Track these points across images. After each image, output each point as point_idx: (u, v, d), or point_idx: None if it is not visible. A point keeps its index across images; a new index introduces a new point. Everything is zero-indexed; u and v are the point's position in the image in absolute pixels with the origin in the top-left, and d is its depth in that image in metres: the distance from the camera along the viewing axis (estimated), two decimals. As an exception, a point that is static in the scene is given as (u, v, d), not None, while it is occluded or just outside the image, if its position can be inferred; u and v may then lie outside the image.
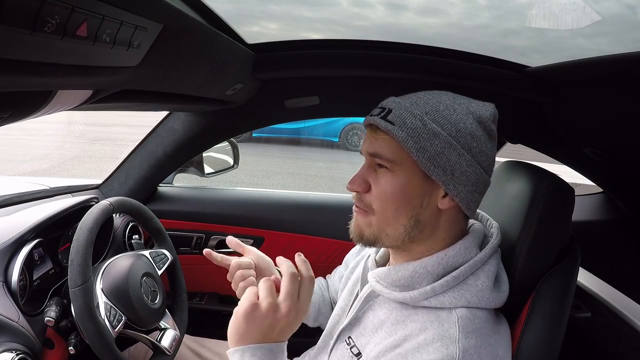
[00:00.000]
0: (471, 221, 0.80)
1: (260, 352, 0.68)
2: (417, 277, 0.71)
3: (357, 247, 1.02)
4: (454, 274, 0.70)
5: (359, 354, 0.76)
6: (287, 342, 0.71)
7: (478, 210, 0.84)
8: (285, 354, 0.71)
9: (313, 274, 0.72)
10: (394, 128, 0.67)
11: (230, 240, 0.89)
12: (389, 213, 0.70)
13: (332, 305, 1.09)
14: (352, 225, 0.76)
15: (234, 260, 0.87)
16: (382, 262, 0.85)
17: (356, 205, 0.75)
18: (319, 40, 1.11)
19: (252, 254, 0.90)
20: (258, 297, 0.68)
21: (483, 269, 0.72)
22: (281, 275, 0.71)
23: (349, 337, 0.80)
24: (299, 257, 0.72)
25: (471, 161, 0.68)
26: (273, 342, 0.68)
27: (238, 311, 0.68)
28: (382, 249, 0.85)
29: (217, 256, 0.87)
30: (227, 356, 1.29)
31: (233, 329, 0.69)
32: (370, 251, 0.87)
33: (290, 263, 0.71)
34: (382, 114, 0.70)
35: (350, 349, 0.78)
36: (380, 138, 0.70)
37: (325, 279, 1.13)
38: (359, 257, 0.96)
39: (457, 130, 0.67)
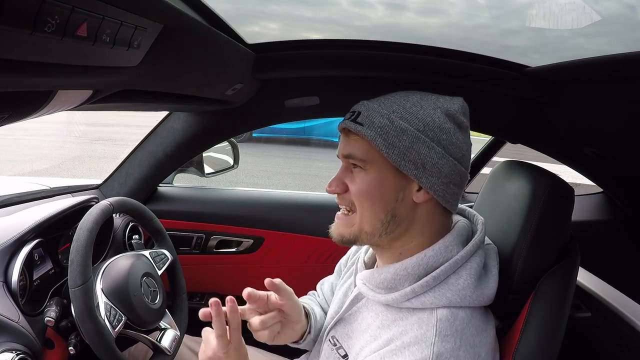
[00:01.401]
0: (457, 218, 0.80)
1: None
2: (398, 278, 0.72)
3: (349, 253, 1.02)
4: (433, 274, 0.70)
5: (345, 356, 0.77)
6: None
7: (464, 207, 0.85)
8: None
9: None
10: (362, 129, 0.70)
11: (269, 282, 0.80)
12: (366, 209, 0.73)
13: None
14: (332, 229, 0.79)
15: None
16: (371, 264, 0.85)
17: (340, 205, 0.78)
18: (319, 40, 1.11)
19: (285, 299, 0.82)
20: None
21: (465, 267, 0.72)
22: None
23: (334, 337, 0.81)
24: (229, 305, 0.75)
25: (442, 153, 0.69)
26: None
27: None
28: (370, 251, 0.86)
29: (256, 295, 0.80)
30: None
31: None
32: (361, 253, 0.87)
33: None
34: (352, 117, 0.73)
35: (337, 350, 0.78)
36: (352, 140, 0.73)
37: (313, 293, 1.09)
38: (355, 258, 0.97)
39: (424, 124, 0.69)
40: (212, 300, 0.73)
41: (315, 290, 1.10)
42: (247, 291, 0.77)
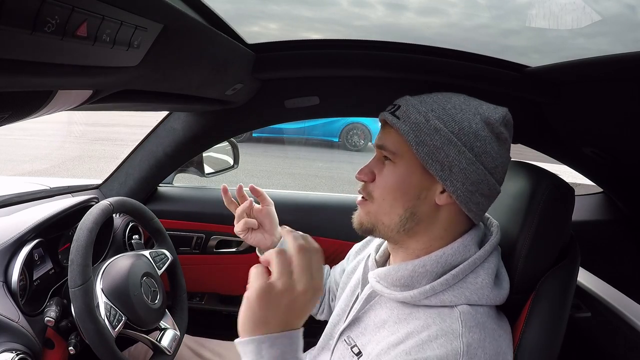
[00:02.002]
0: None
1: (280, 341, 0.58)
2: (416, 276, 0.72)
3: (359, 244, 1.02)
4: (453, 272, 0.70)
5: (359, 353, 0.76)
6: (303, 330, 0.62)
7: None
8: (302, 344, 0.62)
9: (318, 245, 0.64)
10: (398, 122, 0.71)
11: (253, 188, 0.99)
12: (386, 202, 0.73)
13: (328, 295, 1.09)
14: (355, 216, 0.79)
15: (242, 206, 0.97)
16: (382, 262, 0.85)
17: (360, 194, 0.78)
18: (319, 40, 1.11)
19: (266, 207, 0.98)
20: (270, 276, 0.59)
21: (483, 267, 0.72)
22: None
23: (349, 337, 0.80)
24: (291, 232, 0.64)
25: (472, 160, 0.68)
26: (292, 329, 0.60)
27: (250, 295, 0.58)
28: (382, 249, 0.85)
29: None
30: (227, 356, 1.29)
31: (246, 316, 0.58)
32: (371, 251, 0.87)
33: (298, 234, 0.64)
34: (392, 110, 0.74)
35: (351, 348, 0.78)
36: (387, 132, 0.74)
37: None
38: (360, 257, 0.96)
39: (460, 128, 0.69)
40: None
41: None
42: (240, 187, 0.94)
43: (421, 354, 0.64)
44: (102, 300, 0.95)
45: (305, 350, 0.97)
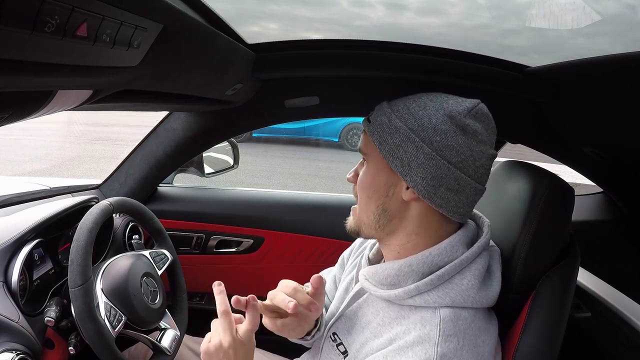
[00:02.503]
0: None
1: None
2: (402, 275, 0.72)
3: (352, 246, 1.02)
4: (438, 272, 0.70)
5: (345, 352, 0.77)
6: None
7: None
8: None
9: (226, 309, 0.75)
10: (369, 125, 0.76)
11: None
12: (362, 201, 0.78)
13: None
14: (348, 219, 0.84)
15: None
16: (375, 260, 0.85)
17: (347, 210, 0.83)
18: (319, 40, 1.11)
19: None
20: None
21: (469, 268, 0.72)
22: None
23: (335, 334, 0.81)
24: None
25: (431, 154, 0.68)
26: None
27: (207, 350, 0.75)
28: (376, 247, 0.86)
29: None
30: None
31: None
32: (366, 249, 0.88)
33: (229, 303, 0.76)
34: (369, 116, 0.78)
35: (337, 346, 0.79)
36: (364, 135, 0.79)
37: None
38: (359, 252, 0.97)
39: (419, 124, 0.70)
40: (234, 298, 0.75)
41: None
42: (292, 304, 0.71)
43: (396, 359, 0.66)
44: (102, 300, 0.95)
45: (305, 350, 0.97)
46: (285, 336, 0.83)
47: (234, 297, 0.75)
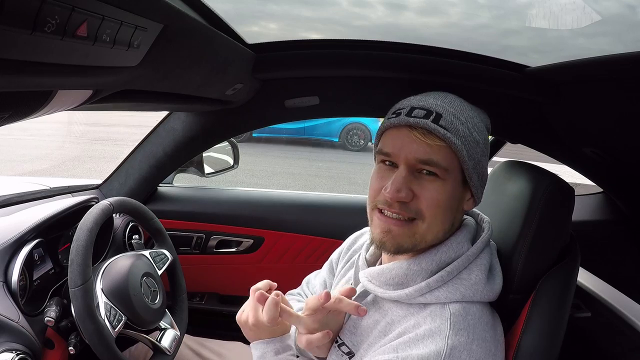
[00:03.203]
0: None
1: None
2: (411, 274, 0.72)
3: (340, 249, 1.00)
4: (447, 269, 0.71)
5: (349, 353, 0.75)
6: (268, 340, 0.80)
7: None
8: (271, 346, 0.80)
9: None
10: (450, 135, 0.67)
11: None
12: (438, 220, 0.70)
13: None
14: (386, 237, 0.71)
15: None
16: (373, 261, 0.84)
17: (397, 214, 0.70)
18: (319, 40, 1.11)
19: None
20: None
21: (476, 263, 0.73)
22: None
23: (339, 337, 0.79)
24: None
25: (486, 164, 0.74)
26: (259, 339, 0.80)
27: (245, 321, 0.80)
28: (372, 248, 0.84)
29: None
30: (227, 356, 1.30)
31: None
32: (361, 250, 0.86)
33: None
34: (432, 118, 0.67)
35: (339, 347, 0.78)
36: (434, 145, 0.68)
37: (297, 293, 1.06)
38: (349, 254, 0.96)
39: (484, 139, 0.73)
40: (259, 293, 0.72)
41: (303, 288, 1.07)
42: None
43: (406, 352, 0.65)
44: (102, 300, 0.95)
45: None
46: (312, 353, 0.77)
47: (258, 292, 0.72)
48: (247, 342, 0.82)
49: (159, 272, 1.13)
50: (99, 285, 0.97)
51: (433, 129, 0.67)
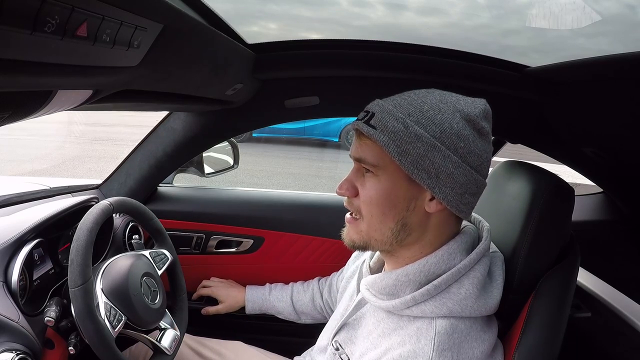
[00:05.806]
0: (463, 223, 0.78)
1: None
2: (399, 284, 0.71)
3: (356, 253, 1.02)
4: (435, 282, 0.68)
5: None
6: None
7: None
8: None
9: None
10: (375, 132, 0.67)
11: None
12: (375, 218, 0.70)
13: (324, 309, 1.11)
14: (344, 233, 0.76)
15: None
16: (377, 268, 0.84)
17: (348, 208, 0.75)
18: (319, 40, 1.11)
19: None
20: None
21: (468, 276, 0.70)
22: None
23: (336, 341, 0.81)
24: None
25: (458, 162, 0.65)
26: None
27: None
28: (377, 255, 0.84)
29: None
30: (227, 355, 1.30)
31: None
32: (366, 256, 0.86)
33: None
34: (366, 118, 0.69)
35: (340, 355, 0.78)
36: (364, 143, 0.70)
37: (321, 282, 1.14)
38: (358, 262, 0.96)
39: (441, 131, 0.65)
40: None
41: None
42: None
43: None
44: (102, 300, 0.95)
45: (304, 349, 0.98)
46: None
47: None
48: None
49: (159, 272, 1.13)
50: (98, 285, 0.97)
51: (361, 128, 0.69)
